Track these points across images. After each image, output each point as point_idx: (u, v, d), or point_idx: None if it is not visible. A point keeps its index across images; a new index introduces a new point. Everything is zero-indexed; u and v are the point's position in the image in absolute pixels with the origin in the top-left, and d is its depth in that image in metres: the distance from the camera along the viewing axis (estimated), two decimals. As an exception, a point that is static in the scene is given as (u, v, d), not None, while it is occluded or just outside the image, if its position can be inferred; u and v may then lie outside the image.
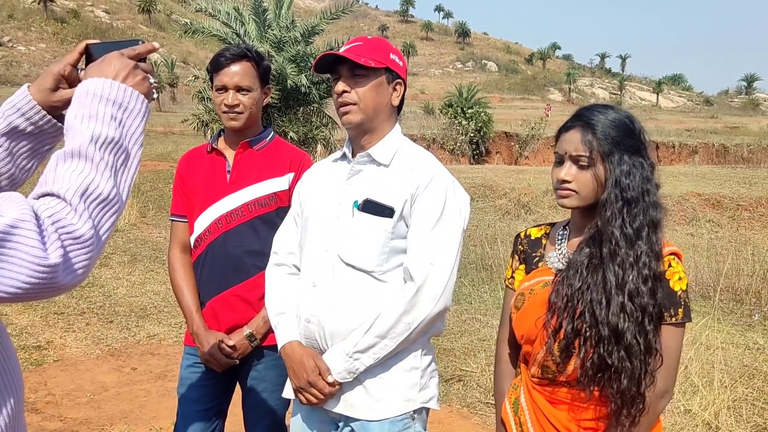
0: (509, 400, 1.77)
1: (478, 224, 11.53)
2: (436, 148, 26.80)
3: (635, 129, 1.58)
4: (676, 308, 1.55)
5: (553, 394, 1.64)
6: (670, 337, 1.56)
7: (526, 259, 1.79)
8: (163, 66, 48.87)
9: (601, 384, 1.53)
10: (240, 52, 2.24)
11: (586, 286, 1.54)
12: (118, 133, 1.08)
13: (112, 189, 1.04)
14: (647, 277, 1.51)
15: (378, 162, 1.85)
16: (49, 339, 5.00)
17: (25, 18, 70.18)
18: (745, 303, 6.58)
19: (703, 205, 13.34)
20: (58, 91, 1.24)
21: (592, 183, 1.56)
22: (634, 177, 1.54)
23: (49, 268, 0.93)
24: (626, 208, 1.53)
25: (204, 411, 2.33)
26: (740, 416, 3.86)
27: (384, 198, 1.80)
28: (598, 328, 1.51)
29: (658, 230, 1.56)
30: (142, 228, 9.63)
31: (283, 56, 12.34)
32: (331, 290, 1.81)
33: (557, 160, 1.63)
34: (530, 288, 1.70)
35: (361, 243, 1.79)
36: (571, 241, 1.70)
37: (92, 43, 1.24)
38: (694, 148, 28.69)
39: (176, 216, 2.39)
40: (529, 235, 1.81)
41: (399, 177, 1.81)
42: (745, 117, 61.79)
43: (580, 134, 1.57)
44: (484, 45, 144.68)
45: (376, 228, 1.78)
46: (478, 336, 5.32)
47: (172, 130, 24.89)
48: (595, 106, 1.64)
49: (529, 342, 1.67)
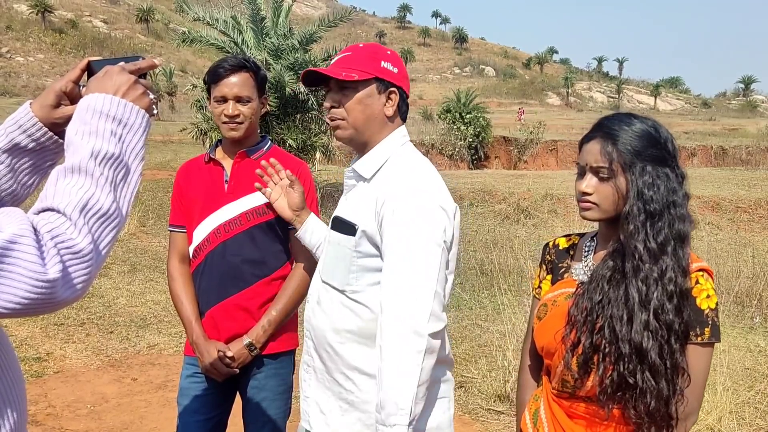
0: (529, 411, 1.73)
1: (477, 229, 11.54)
2: (435, 154, 26.84)
3: (660, 138, 1.52)
4: (703, 327, 1.48)
5: (571, 408, 1.60)
6: (696, 357, 1.49)
7: (552, 270, 1.74)
8: (162, 75, 48.92)
9: (623, 403, 1.48)
10: (238, 63, 2.24)
11: (606, 301, 1.49)
12: (118, 149, 1.08)
13: (112, 204, 1.05)
14: (672, 294, 1.45)
15: (360, 176, 1.80)
16: (49, 350, 4.99)
17: (23, 29, 70.34)
18: (746, 306, 6.57)
19: (702, 207, 13.35)
20: (59, 108, 1.25)
21: (613, 195, 1.51)
22: (658, 188, 1.47)
23: (48, 284, 0.93)
24: (650, 221, 1.47)
25: (204, 421, 2.32)
26: (743, 419, 3.85)
27: (349, 215, 1.75)
28: (618, 345, 1.46)
29: (685, 244, 1.49)
30: (142, 237, 9.63)
31: (281, 64, 12.35)
32: (317, 309, 1.84)
33: (579, 172, 1.58)
34: (553, 299, 1.66)
35: (331, 261, 1.79)
36: (597, 253, 1.64)
37: (94, 60, 1.25)
38: (693, 150, 28.72)
39: (175, 227, 2.39)
40: (558, 245, 1.76)
41: (372, 192, 1.73)
42: (743, 119, 61.89)
43: (600, 145, 1.52)
44: (482, 50, 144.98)
45: (342, 245, 1.74)
46: (479, 342, 5.31)
47: (170, 138, 24.89)
48: (617, 115, 1.58)
49: (549, 355, 1.63)
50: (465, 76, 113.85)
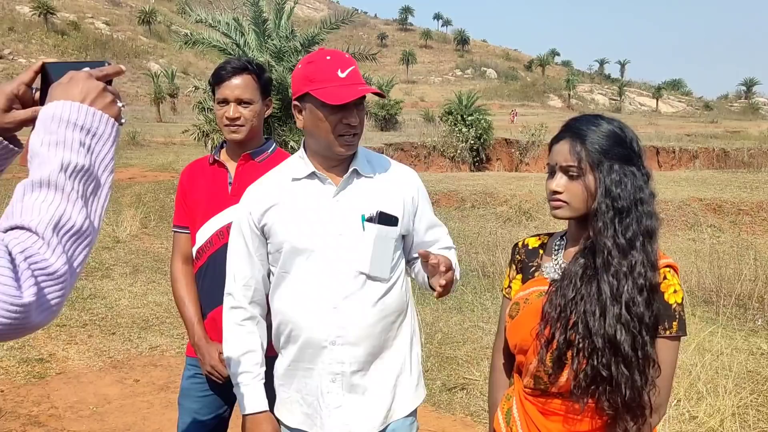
0: (502, 410, 1.76)
1: (479, 231, 11.53)
2: (437, 156, 26.83)
3: (626, 138, 1.57)
4: (671, 321, 1.54)
5: (545, 405, 1.63)
6: (664, 350, 1.54)
7: (523, 269, 1.78)
8: (164, 76, 49.04)
9: (596, 395, 1.52)
10: (241, 66, 2.25)
11: (579, 297, 1.54)
12: (88, 161, 1.02)
13: (85, 220, 0.98)
14: (642, 287, 1.50)
15: (361, 175, 1.89)
16: (51, 351, 5.00)
17: (25, 30, 70.50)
18: (749, 308, 6.56)
19: (705, 210, 13.34)
20: (11, 112, 1.17)
21: (583, 193, 1.56)
22: (625, 186, 1.53)
23: (21, 308, 0.87)
24: (618, 218, 1.52)
25: (206, 422, 2.33)
26: (745, 422, 3.84)
27: (385, 208, 1.86)
28: (592, 339, 1.50)
29: (653, 240, 1.54)
30: (144, 239, 9.64)
31: (284, 66, 12.37)
32: (358, 307, 1.82)
33: (549, 171, 1.63)
34: (525, 297, 1.70)
35: (380, 255, 1.83)
36: (567, 251, 1.69)
37: (49, 62, 1.19)
38: (695, 152, 28.69)
39: (178, 227, 2.40)
40: (527, 245, 1.81)
41: (381, 184, 1.91)
42: (745, 121, 61.87)
43: (569, 145, 1.57)
44: (484, 52, 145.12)
45: (389, 237, 1.85)
46: (481, 344, 5.31)
47: (172, 140, 24.94)
48: (585, 116, 1.64)
49: (522, 352, 1.67)
50: (467, 78, 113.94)
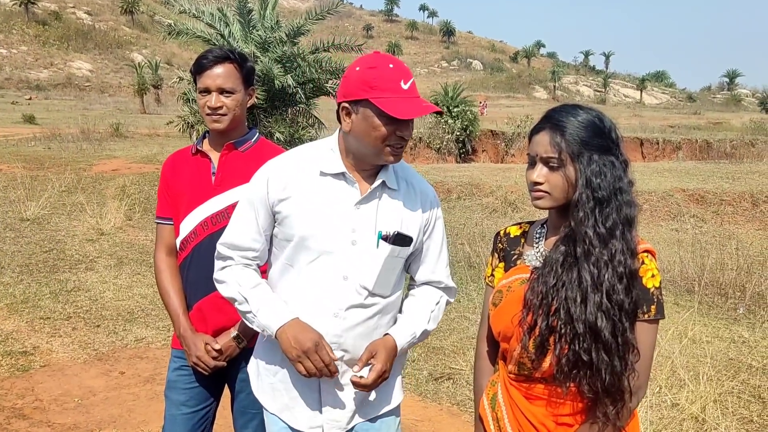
0: (487, 396, 1.79)
1: (465, 222, 11.58)
2: (423, 147, 26.82)
3: (605, 128, 1.59)
4: (649, 305, 1.57)
5: (529, 390, 1.66)
6: (643, 333, 1.57)
7: (505, 257, 1.80)
8: (147, 68, 48.48)
9: (577, 380, 1.55)
10: (223, 54, 2.23)
11: (561, 284, 1.56)
12: None
13: None
14: (622, 275, 1.52)
15: (389, 188, 1.85)
16: (35, 344, 4.96)
17: (6, 21, 69.46)
18: (730, 297, 6.65)
19: (688, 200, 13.47)
20: None
21: (563, 184, 1.58)
22: (605, 176, 1.55)
23: None
24: (598, 207, 1.54)
25: (192, 414, 2.32)
26: (726, 409, 3.90)
27: (403, 228, 1.85)
28: (574, 325, 1.53)
29: (632, 228, 1.57)
30: (128, 231, 9.56)
31: (269, 57, 12.28)
32: (358, 319, 1.83)
33: (530, 162, 1.64)
34: (508, 285, 1.72)
35: (386, 273, 1.83)
36: (548, 239, 1.71)
37: None
38: (678, 144, 28.94)
39: (162, 219, 2.38)
40: (509, 234, 1.83)
41: (404, 201, 1.87)
42: (727, 113, 62.43)
43: (548, 136, 1.58)
44: (469, 44, 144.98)
45: (399, 257, 1.86)
46: (467, 334, 5.34)
47: (157, 132, 24.71)
48: (564, 106, 1.65)
49: (506, 339, 1.69)
50: (452, 69, 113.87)
